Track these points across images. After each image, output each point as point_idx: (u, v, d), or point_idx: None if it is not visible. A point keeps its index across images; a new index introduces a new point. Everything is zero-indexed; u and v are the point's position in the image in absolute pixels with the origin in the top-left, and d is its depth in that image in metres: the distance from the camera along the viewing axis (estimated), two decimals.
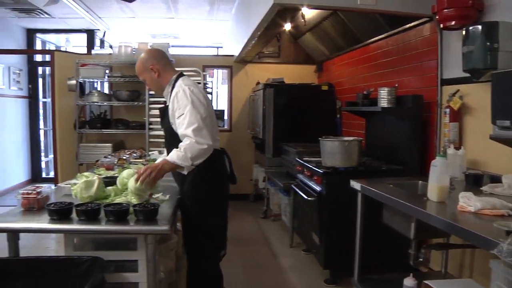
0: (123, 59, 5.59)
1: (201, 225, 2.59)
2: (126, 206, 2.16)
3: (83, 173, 2.87)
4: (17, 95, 7.67)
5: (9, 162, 7.36)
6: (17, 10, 6.64)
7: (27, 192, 2.31)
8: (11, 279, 2.09)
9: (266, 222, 5.58)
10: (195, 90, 2.51)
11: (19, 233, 2.20)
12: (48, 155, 8.71)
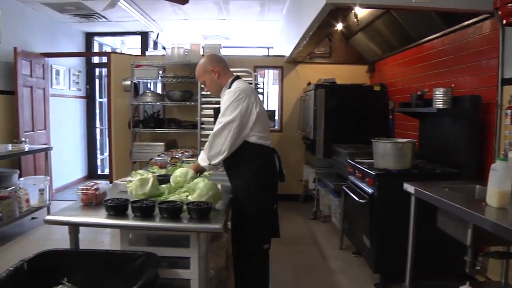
0: (176, 60, 5.71)
1: (248, 218, 2.70)
2: (180, 204, 2.21)
3: (138, 171, 2.97)
4: (76, 95, 8.04)
5: (68, 159, 7.72)
6: (78, 16, 6.98)
7: (86, 188, 2.41)
8: (71, 269, 2.18)
9: (316, 223, 5.54)
10: (240, 95, 2.64)
11: (79, 227, 2.30)
12: (104, 153, 9.06)
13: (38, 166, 6.30)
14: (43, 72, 6.59)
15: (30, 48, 6.35)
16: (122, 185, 2.73)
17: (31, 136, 6.00)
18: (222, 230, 2.09)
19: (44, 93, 6.64)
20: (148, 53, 6.74)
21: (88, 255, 2.27)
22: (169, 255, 2.34)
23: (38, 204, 5.32)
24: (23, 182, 5.25)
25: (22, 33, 6.25)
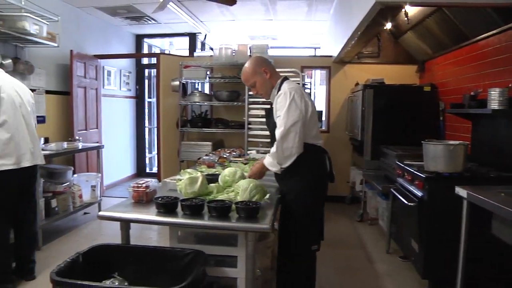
0: (224, 60, 5.78)
1: (296, 218, 2.70)
2: (228, 203, 2.24)
3: (186, 170, 3.03)
4: (126, 95, 8.30)
5: (118, 157, 7.98)
6: (129, 19, 7.20)
7: (137, 186, 2.49)
8: (122, 263, 2.25)
9: (362, 226, 5.47)
10: (295, 95, 2.63)
11: (130, 223, 2.38)
12: (152, 151, 9.30)
13: (90, 163, 6.55)
14: (96, 73, 6.84)
15: (84, 50, 6.61)
16: (172, 183, 2.80)
17: (84, 135, 6.25)
18: (270, 230, 2.10)
19: (97, 93, 6.89)
20: (196, 54, 6.87)
21: (138, 250, 2.34)
22: (216, 253, 2.37)
23: (90, 200, 5.54)
24: (77, 179, 5.48)
25: (77, 37, 6.51)
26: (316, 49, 9.84)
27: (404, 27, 5.31)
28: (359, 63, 6.50)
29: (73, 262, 2.11)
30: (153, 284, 1.85)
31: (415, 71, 6.28)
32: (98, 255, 2.26)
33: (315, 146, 2.77)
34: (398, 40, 6.07)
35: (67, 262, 2.09)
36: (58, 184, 4.92)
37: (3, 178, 3.32)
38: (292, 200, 2.71)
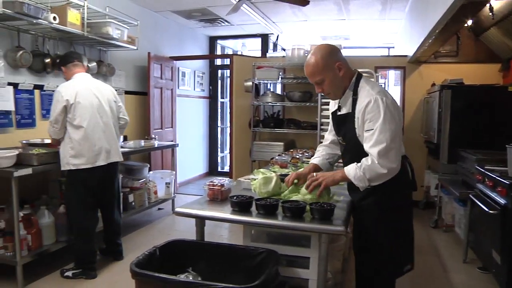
0: (296, 61, 5.78)
1: (380, 239, 2.32)
2: (303, 204, 2.23)
3: (259, 169, 3.05)
4: (200, 95, 8.54)
5: (191, 155, 8.23)
6: (203, 21, 7.40)
7: (213, 184, 2.55)
8: (196, 259, 2.32)
9: (437, 232, 5.24)
10: (388, 102, 2.20)
11: (205, 220, 2.44)
12: (224, 150, 9.49)
13: (165, 161, 6.81)
14: (172, 74, 7.09)
15: (160, 52, 6.88)
16: (246, 182, 2.84)
17: (159, 133, 6.50)
18: (345, 232, 2.07)
19: (172, 94, 7.14)
20: (269, 54, 6.91)
21: (212, 247, 2.39)
22: (288, 253, 2.37)
23: (164, 196, 5.75)
24: (152, 175, 5.72)
25: (155, 39, 6.79)
26: (390, 49, 9.58)
27: (487, 23, 5.02)
28: (436, 62, 6.23)
29: (150, 255, 2.20)
30: (225, 281, 1.88)
31: (498, 70, 5.91)
32: (173, 250, 2.33)
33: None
34: (479, 38, 5.74)
35: (145, 254, 2.17)
36: (135, 180, 5.17)
37: (80, 176, 3.65)
38: (370, 221, 2.36)
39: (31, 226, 3.64)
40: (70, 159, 3.59)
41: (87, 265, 3.77)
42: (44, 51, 4.58)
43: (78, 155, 3.60)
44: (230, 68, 6.62)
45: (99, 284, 3.65)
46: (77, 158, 3.60)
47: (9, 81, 4.20)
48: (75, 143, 3.59)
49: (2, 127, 4.16)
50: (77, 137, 3.59)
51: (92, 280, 3.71)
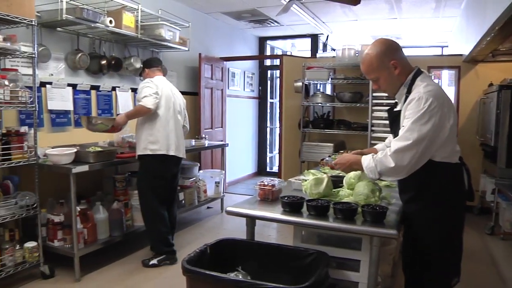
0: (347, 61, 5.70)
1: (431, 249, 2.23)
2: (354, 206, 2.20)
3: (310, 170, 3.04)
4: (249, 96, 8.60)
5: (240, 155, 8.30)
6: (253, 22, 7.44)
7: (264, 184, 2.56)
8: (245, 258, 2.34)
9: (493, 240, 4.99)
10: (432, 103, 2.05)
11: (256, 220, 2.45)
12: (272, 151, 9.51)
13: (214, 160, 6.90)
14: (222, 75, 7.18)
15: (211, 53, 6.97)
16: (297, 183, 2.84)
17: (209, 133, 6.59)
18: (397, 236, 2.03)
19: (222, 94, 7.23)
20: (319, 55, 6.87)
21: (262, 247, 2.40)
22: (339, 255, 2.35)
23: (213, 195, 5.82)
24: (202, 175, 5.81)
25: (205, 40, 6.90)
26: (443, 48, 9.28)
27: None
28: (493, 61, 5.95)
29: (201, 253, 2.23)
30: (274, 281, 1.88)
31: None
32: (224, 248, 2.36)
33: (451, 164, 2.19)
34: None
35: (196, 252, 2.21)
36: (186, 179, 5.27)
37: (155, 162, 3.92)
38: (421, 231, 2.25)
39: (87, 220, 3.80)
40: (148, 144, 3.87)
41: (168, 248, 4.02)
42: (101, 53, 4.76)
43: (156, 141, 3.88)
44: (280, 69, 6.62)
45: (150, 280, 3.74)
46: (155, 144, 3.87)
47: (68, 82, 4.41)
48: (154, 130, 3.88)
49: (62, 126, 4.37)
50: (156, 125, 3.88)
51: (143, 275, 3.81)
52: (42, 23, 3.97)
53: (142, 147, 3.89)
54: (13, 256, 3.43)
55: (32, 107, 3.48)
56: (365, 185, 2.39)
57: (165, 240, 4.02)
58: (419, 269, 2.31)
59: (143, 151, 3.88)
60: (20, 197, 3.48)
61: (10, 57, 3.66)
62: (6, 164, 3.31)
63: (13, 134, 3.41)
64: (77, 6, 3.97)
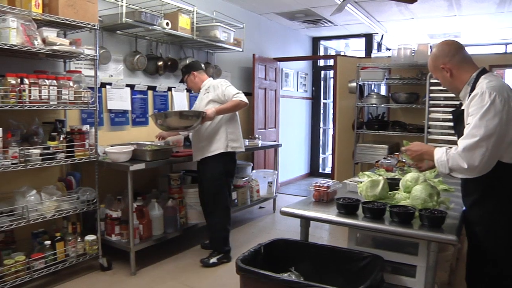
0: (402, 61, 5.55)
1: (497, 258, 2.14)
2: (412, 209, 2.14)
3: (365, 172, 2.98)
4: (302, 96, 8.57)
5: (293, 156, 8.28)
6: (306, 22, 7.41)
7: (319, 185, 2.54)
8: (298, 259, 2.33)
9: None
10: (497, 97, 1.98)
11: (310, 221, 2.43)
12: (325, 152, 9.42)
13: (267, 160, 6.93)
14: (275, 75, 7.19)
15: (265, 54, 7.00)
16: (352, 184, 2.80)
17: (263, 133, 6.62)
18: (457, 242, 1.95)
19: (275, 95, 7.24)
20: (374, 54, 6.72)
21: (315, 248, 2.38)
22: (394, 260, 2.29)
23: (266, 195, 5.84)
24: (255, 174, 5.84)
25: (259, 41, 6.94)
26: (507, 45, 8.84)
27: None
28: None
29: (255, 252, 2.25)
30: (327, 283, 1.86)
31: None
32: (277, 248, 2.37)
33: None
34: None
35: (250, 251, 2.22)
36: (239, 178, 5.31)
37: (232, 158, 4.14)
38: (486, 236, 2.15)
39: (143, 216, 3.92)
40: (229, 142, 4.03)
41: (226, 247, 4.10)
42: (157, 55, 4.90)
43: (236, 139, 4.10)
44: (333, 69, 6.54)
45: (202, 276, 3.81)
46: (236, 141, 4.09)
47: (127, 83, 4.57)
48: (234, 128, 4.10)
49: (120, 125, 4.54)
50: (236, 123, 4.13)
51: (195, 272, 3.89)
52: (104, 27, 4.14)
53: (225, 145, 4.00)
54: (75, 247, 3.61)
55: (94, 107, 3.63)
56: (423, 189, 2.32)
57: (227, 239, 4.12)
58: (486, 279, 2.21)
59: (226, 148, 4.00)
60: (81, 192, 3.67)
61: (75, 59, 3.84)
62: (70, 160, 3.48)
63: (76, 132, 3.58)
64: (136, 10, 4.12)
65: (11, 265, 3.16)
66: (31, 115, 3.48)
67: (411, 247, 2.27)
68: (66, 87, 3.39)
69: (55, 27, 3.43)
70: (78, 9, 3.41)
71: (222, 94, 3.92)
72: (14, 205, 3.23)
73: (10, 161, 3.06)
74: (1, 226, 3.08)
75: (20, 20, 3.06)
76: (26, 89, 3.11)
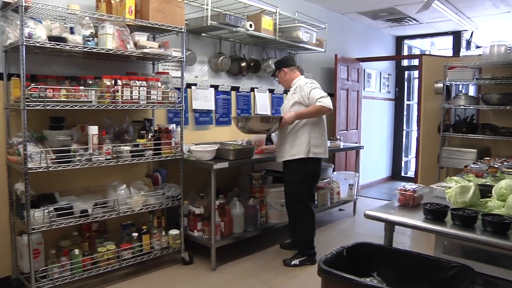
0: (496, 59, 5.19)
1: None
2: (508, 219, 1.98)
3: (452, 177, 2.84)
4: (385, 97, 8.34)
5: (374, 158, 8.09)
6: (390, 21, 7.21)
7: (405, 189, 2.45)
8: (381, 264, 2.26)
9: None
10: None
11: (395, 226, 2.36)
12: (408, 155, 9.09)
13: (348, 162, 6.83)
14: (357, 76, 7.07)
15: (347, 54, 6.90)
16: (439, 190, 2.67)
17: (344, 135, 6.53)
18: None
19: (358, 96, 7.12)
20: (462, 53, 6.36)
21: (400, 254, 2.30)
22: (487, 272, 2.15)
23: (346, 198, 5.74)
24: (336, 176, 5.77)
25: (341, 41, 6.85)
26: None
27: None
28: None
29: (337, 255, 2.21)
30: None
31: None
32: (360, 252, 2.31)
33: None
34: None
35: (333, 254, 2.19)
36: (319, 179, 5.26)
37: (316, 164, 4.00)
38: None
39: (224, 214, 4.02)
40: (312, 147, 3.89)
41: (311, 251, 4.07)
42: (240, 56, 5.01)
43: (319, 145, 3.91)
44: (418, 69, 6.30)
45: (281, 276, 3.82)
46: (319, 147, 3.91)
47: (211, 84, 4.72)
48: (318, 133, 3.92)
49: (204, 124, 4.69)
50: (320, 128, 3.94)
51: (274, 271, 3.91)
52: (190, 30, 4.30)
53: (306, 150, 3.86)
54: (160, 241, 3.78)
55: (180, 107, 3.78)
56: None
57: (311, 242, 4.08)
58: None
59: (307, 154, 3.86)
60: (167, 188, 3.84)
61: (163, 61, 4.03)
62: (157, 158, 3.66)
63: (163, 131, 3.75)
64: (220, 13, 4.23)
65: (104, 252, 3.41)
66: (122, 114, 3.71)
67: (506, 260, 2.12)
68: (154, 88, 3.57)
69: (146, 31, 3.65)
70: (167, 14, 3.57)
71: (307, 97, 3.78)
72: (107, 198, 3.47)
73: (104, 156, 3.28)
74: (96, 217, 3.32)
75: (116, 26, 3.30)
76: (119, 90, 3.31)
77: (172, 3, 3.62)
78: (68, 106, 3.05)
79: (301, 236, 4.05)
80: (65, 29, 3.14)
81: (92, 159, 3.22)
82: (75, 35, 3.11)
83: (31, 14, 3.09)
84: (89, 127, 3.22)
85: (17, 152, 3.10)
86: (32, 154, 2.94)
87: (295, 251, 4.16)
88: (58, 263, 3.19)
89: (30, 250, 3.02)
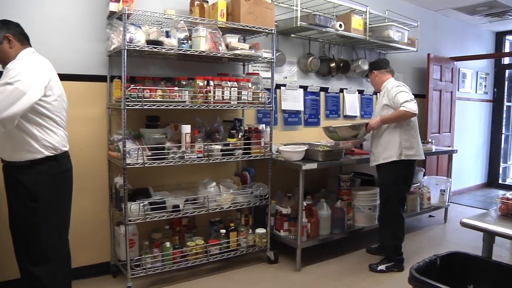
0: None
1: None
2: None
3: None
4: (482, 98, 7.85)
5: (468, 163, 7.65)
6: (489, 16, 6.76)
7: (507, 198, 2.30)
8: (478, 276, 2.14)
9: None
10: None
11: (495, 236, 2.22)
12: (507, 161, 8.47)
13: (440, 167, 6.52)
14: (451, 76, 6.73)
15: (440, 53, 6.59)
16: None
17: (436, 138, 6.24)
18: None
19: (451, 97, 6.78)
20: None
21: (499, 267, 2.16)
22: None
23: (437, 204, 5.46)
24: (427, 181, 5.52)
25: (434, 40, 6.55)
26: None
27: None
28: None
29: (430, 263, 2.13)
30: None
31: None
32: (454, 262, 2.20)
33: None
34: None
35: (426, 262, 2.11)
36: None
37: (409, 167, 3.90)
38: None
39: (311, 215, 4.01)
40: (404, 150, 3.82)
41: (399, 257, 3.96)
42: (330, 56, 4.97)
43: (411, 147, 3.83)
44: None
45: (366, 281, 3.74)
46: (411, 149, 3.82)
47: (300, 84, 4.74)
48: (410, 135, 3.84)
49: (293, 125, 4.73)
50: (412, 130, 3.86)
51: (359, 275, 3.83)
52: (279, 31, 4.33)
53: (398, 153, 3.80)
54: (246, 238, 3.86)
55: (270, 107, 3.84)
56: None
57: (399, 247, 3.97)
58: None
59: (399, 156, 3.80)
60: (255, 187, 3.92)
61: (253, 62, 4.11)
62: (246, 157, 3.75)
63: (253, 131, 3.84)
64: (310, 13, 4.23)
65: (193, 247, 3.56)
66: (213, 114, 3.84)
67: None
68: (245, 88, 3.65)
69: (237, 33, 3.74)
70: (257, 16, 3.64)
71: (392, 100, 3.75)
72: (197, 195, 3.61)
73: (196, 155, 3.42)
74: (186, 212, 3.47)
75: (208, 29, 3.42)
76: (211, 90, 3.43)
77: (263, 5, 3.69)
78: (164, 106, 3.22)
79: (389, 239, 3.95)
80: (161, 33, 3.33)
81: (184, 156, 3.37)
82: (170, 39, 3.29)
83: (132, 20, 3.31)
84: (183, 126, 3.37)
85: (117, 148, 3.33)
86: (130, 150, 3.15)
87: (382, 256, 4.07)
88: (150, 254, 3.39)
89: (126, 240, 3.24)
